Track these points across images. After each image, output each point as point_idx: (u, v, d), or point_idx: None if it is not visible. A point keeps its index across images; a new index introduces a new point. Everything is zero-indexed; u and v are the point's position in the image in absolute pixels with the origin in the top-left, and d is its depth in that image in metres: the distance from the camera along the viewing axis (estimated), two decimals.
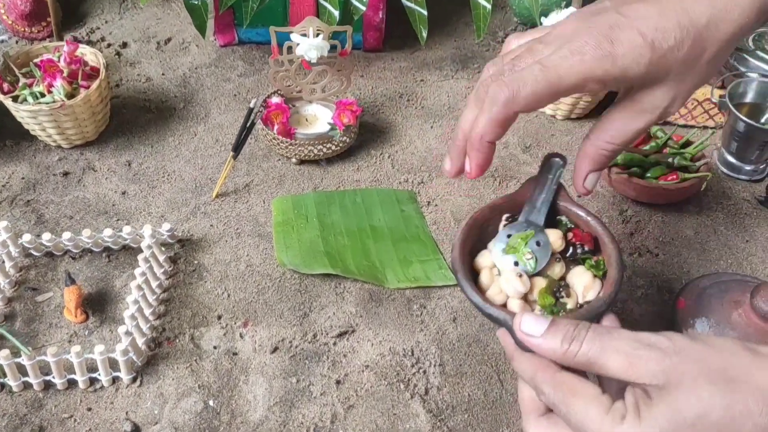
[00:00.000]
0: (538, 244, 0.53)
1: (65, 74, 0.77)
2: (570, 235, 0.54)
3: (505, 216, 0.55)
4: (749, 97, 0.81)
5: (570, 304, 0.51)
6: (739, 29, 0.47)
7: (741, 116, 0.76)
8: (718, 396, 0.37)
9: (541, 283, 0.52)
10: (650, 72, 0.46)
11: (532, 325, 0.43)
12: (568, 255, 0.54)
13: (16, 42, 0.97)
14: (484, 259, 0.53)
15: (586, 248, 0.53)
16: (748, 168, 0.81)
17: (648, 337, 0.40)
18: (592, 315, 0.49)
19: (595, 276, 0.52)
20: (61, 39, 0.91)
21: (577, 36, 0.46)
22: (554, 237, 0.53)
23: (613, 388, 0.42)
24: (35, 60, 0.79)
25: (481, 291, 0.51)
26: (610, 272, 0.51)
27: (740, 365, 0.38)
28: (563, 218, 0.56)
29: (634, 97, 0.49)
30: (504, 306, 0.51)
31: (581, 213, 0.55)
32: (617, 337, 0.41)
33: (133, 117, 0.87)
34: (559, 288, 0.52)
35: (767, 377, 0.37)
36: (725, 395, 0.37)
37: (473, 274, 0.53)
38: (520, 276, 0.51)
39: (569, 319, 0.43)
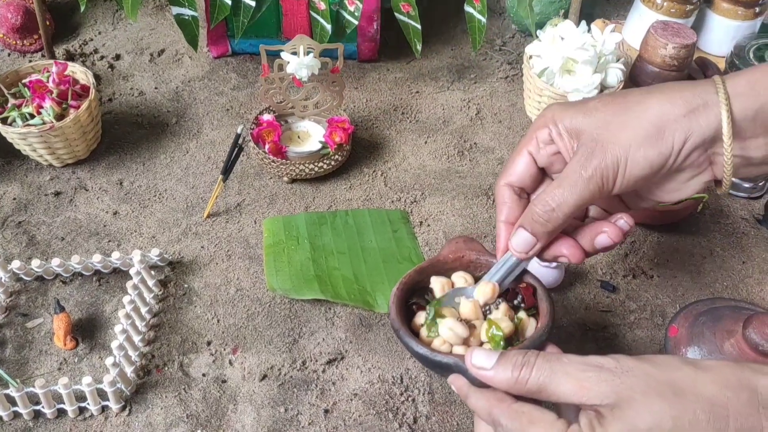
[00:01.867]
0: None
1: (54, 95, 0.76)
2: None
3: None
4: None
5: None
6: (668, 116, 0.48)
7: None
8: (667, 408, 0.39)
9: (484, 325, 0.53)
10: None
11: (482, 359, 0.45)
12: (515, 302, 0.56)
13: (8, 55, 0.97)
14: (420, 319, 0.54)
15: (524, 304, 0.55)
16: (746, 185, 0.79)
17: (596, 360, 0.42)
18: (535, 346, 0.50)
19: (529, 316, 0.54)
20: (52, 54, 0.91)
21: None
22: (486, 289, 0.54)
23: (571, 414, 0.43)
24: (24, 80, 0.78)
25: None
26: (542, 306, 0.54)
27: (685, 378, 0.40)
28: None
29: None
30: (450, 352, 0.52)
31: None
32: (566, 362, 0.42)
33: (125, 133, 0.87)
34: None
35: (711, 388, 0.40)
36: (674, 406, 0.39)
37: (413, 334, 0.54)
38: (460, 320, 0.52)
39: (518, 349, 0.45)
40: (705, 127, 0.47)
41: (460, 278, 0.57)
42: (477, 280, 0.57)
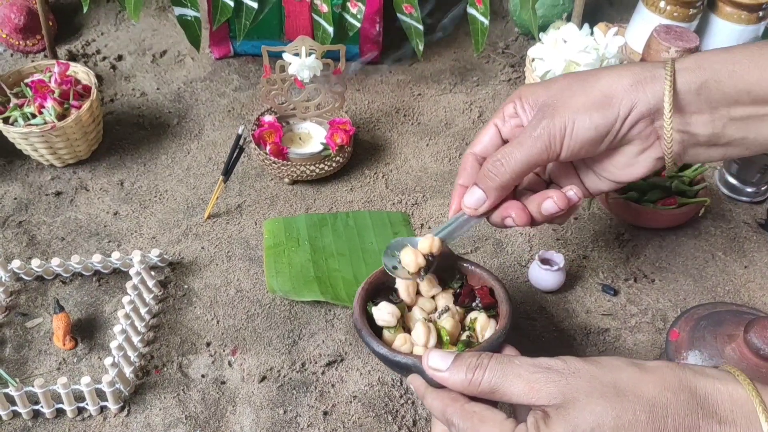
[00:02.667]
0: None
1: (56, 95, 0.76)
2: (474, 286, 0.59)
3: None
4: None
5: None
6: (618, 89, 0.51)
7: None
8: (609, 408, 0.41)
9: (446, 326, 0.56)
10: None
11: (438, 360, 0.47)
12: (473, 305, 0.58)
13: (11, 55, 0.97)
14: (380, 313, 0.56)
15: (481, 304, 0.58)
16: (749, 190, 0.79)
17: (545, 362, 0.44)
18: (493, 347, 0.52)
19: (489, 316, 0.56)
20: (54, 54, 0.91)
21: None
22: (425, 242, 0.56)
23: (525, 415, 0.45)
24: (26, 80, 0.78)
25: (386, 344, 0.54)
26: (502, 308, 0.56)
27: (628, 379, 0.42)
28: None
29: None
30: (410, 353, 0.54)
31: (471, 267, 0.60)
32: (517, 364, 0.44)
33: (126, 134, 0.87)
34: (463, 329, 0.57)
35: (652, 389, 0.41)
36: (615, 406, 0.41)
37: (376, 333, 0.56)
38: (429, 329, 0.54)
39: (472, 351, 0.47)
40: (650, 97, 0.51)
41: (425, 280, 0.59)
42: (441, 280, 0.59)
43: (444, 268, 0.60)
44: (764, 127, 0.51)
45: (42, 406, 0.60)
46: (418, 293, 0.59)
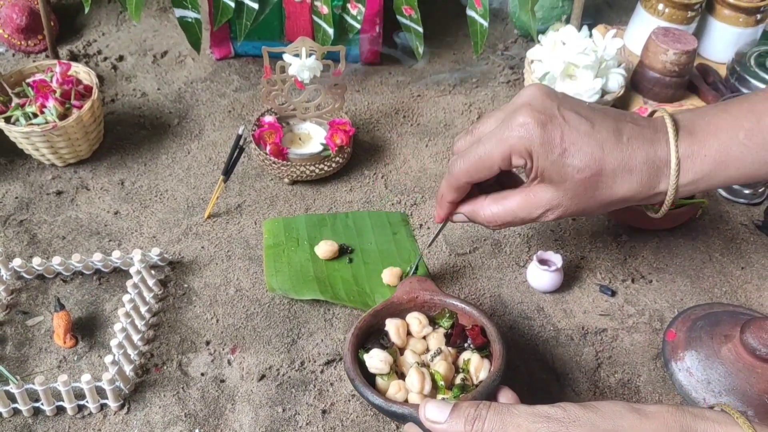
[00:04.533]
0: None
1: (58, 95, 0.77)
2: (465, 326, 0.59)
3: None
4: None
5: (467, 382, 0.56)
6: (632, 195, 0.56)
7: None
8: None
9: (440, 369, 0.56)
10: (547, 167, 0.55)
11: (435, 412, 0.47)
12: (465, 345, 0.58)
13: (13, 55, 0.98)
14: (373, 361, 0.56)
15: (473, 344, 0.58)
16: (746, 191, 0.80)
17: (545, 410, 0.44)
18: (488, 390, 0.52)
19: (483, 357, 0.57)
20: (56, 54, 0.91)
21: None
22: None
23: None
24: (28, 80, 0.79)
25: (379, 393, 0.54)
26: (495, 348, 0.56)
27: (629, 427, 0.42)
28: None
29: (532, 186, 0.58)
30: (406, 402, 0.54)
31: (461, 305, 0.60)
32: (516, 414, 0.44)
33: (127, 134, 0.87)
34: (456, 371, 0.57)
35: None
36: None
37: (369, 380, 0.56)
38: (423, 375, 0.54)
39: (470, 401, 0.47)
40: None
41: (414, 319, 0.59)
42: (431, 320, 0.60)
43: (431, 306, 0.61)
44: None
45: (42, 404, 0.60)
46: (408, 334, 0.59)
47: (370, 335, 0.59)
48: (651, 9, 0.90)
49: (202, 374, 0.64)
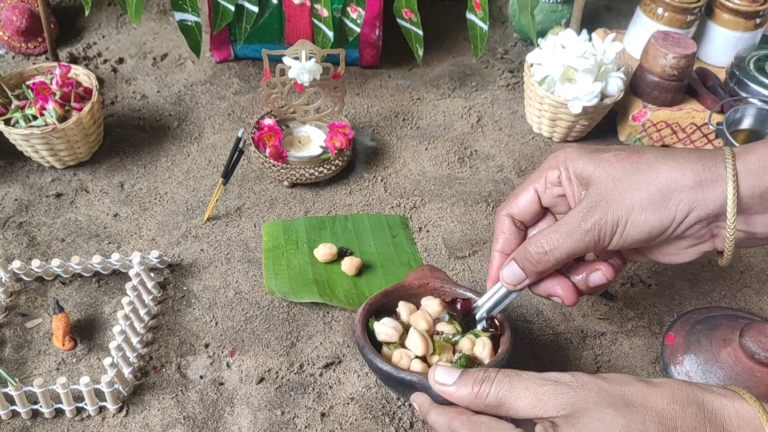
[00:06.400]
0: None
1: (57, 97, 0.77)
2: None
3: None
4: (747, 124, 0.80)
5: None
6: (679, 179, 0.48)
7: (737, 144, 0.75)
8: (618, 417, 0.41)
9: (444, 330, 0.58)
10: (580, 164, 0.51)
11: (444, 376, 0.47)
12: (483, 328, 0.58)
13: (13, 57, 0.98)
14: (383, 327, 0.57)
15: (491, 328, 0.58)
16: None
17: (553, 375, 0.44)
18: (497, 366, 0.52)
19: (489, 338, 0.57)
20: (56, 57, 0.92)
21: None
22: (480, 347, 0.56)
23: (529, 429, 0.45)
24: (28, 82, 0.79)
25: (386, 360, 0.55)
26: (505, 332, 0.56)
27: (636, 392, 0.43)
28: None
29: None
30: (415, 372, 0.54)
31: (471, 294, 0.60)
32: (525, 377, 0.45)
33: (127, 136, 0.87)
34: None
35: (660, 401, 0.42)
36: (624, 416, 0.41)
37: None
38: (425, 338, 0.56)
39: (479, 367, 0.48)
40: (711, 202, 0.48)
41: (429, 301, 0.60)
42: (446, 304, 0.60)
43: (441, 293, 0.62)
44: None
45: (41, 406, 0.60)
46: None
47: (381, 314, 0.59)
48: (650, 13, 0.90)
49: (201, 377, 0.64)
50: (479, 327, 0.58)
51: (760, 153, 0.48)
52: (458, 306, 0.59)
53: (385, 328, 0.56)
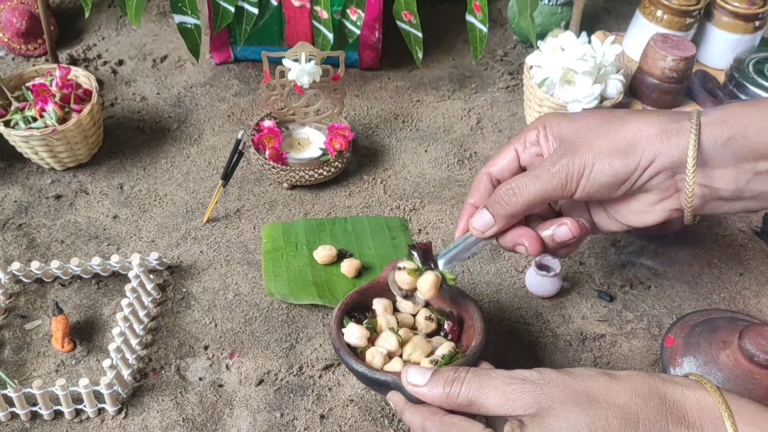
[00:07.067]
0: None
1: (57, 99, 0.77)
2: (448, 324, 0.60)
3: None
4: None
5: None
6: (648, 131, 0.51)
7: None
8: (582, 414, 0.43)
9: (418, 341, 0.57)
10: (553, 120, 0.54)
11: (416, 376, 0.49)
12: (441, 334, 0.59)
13: (12, 59, 0.98)
14: (349, 337, 0.57)
15: (450, 336, 0.59)
16: None
17: (521, 373, 0.46)
18: (470, 364, 0.53)
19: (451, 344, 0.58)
20: (56, 58, 0.92)
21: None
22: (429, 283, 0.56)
23: (500, 427, 0.46)
24: (28, 84, 0.79)
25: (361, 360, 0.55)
26: (476, 324, 0.57)
27: (600, 388, 0.44)
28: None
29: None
30: (389, 372, 0.55)
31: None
32: (493, 376, 0.46)
33: (126, 138, 0.87)
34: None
35: (623, 396, 0.43)
36: (588, 413, 0.43)
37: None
38: (397, 333, 0.56)
39: (450, 366, 0.49)
40: (674, 150, 0.50)
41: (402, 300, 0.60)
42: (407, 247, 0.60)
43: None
44: None
45: (40, 408, 0.60)
46: (396, 311, 0.61)
47: (358, 312, 0.60)
48: (650, 15, 0.91)
49: (200, 379, 0.64)
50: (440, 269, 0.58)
51: (727, 109, 0.51)
52: (417, 248, 0.58)
53: (351, 337, 0.57)
